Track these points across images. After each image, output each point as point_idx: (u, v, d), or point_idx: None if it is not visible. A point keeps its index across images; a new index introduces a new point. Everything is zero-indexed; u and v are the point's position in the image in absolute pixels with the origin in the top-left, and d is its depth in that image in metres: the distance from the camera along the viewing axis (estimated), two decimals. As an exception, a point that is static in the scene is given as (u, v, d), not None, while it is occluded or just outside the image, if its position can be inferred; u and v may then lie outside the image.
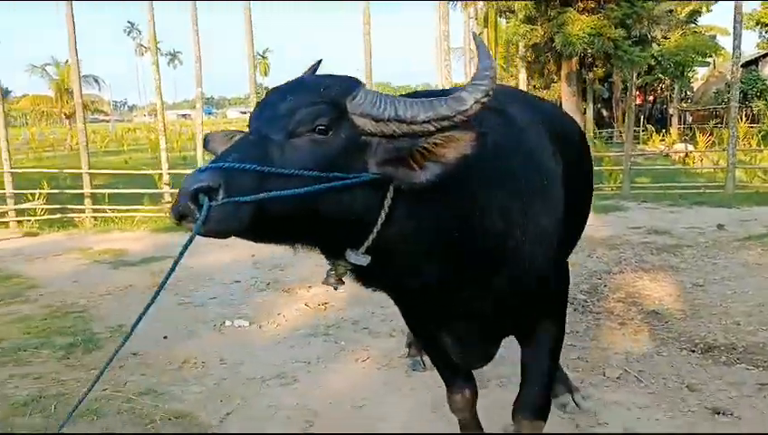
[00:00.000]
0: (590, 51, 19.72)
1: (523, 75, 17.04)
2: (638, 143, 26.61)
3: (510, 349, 3.18)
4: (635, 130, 22.48)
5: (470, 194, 2.23)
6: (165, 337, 5.68)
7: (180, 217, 1.82)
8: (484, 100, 1.97)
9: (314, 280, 7.58)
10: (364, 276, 2.30)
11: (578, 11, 19.10)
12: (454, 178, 2.02)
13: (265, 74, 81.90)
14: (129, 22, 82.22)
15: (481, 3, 18.51)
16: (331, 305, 6.52)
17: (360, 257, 2.09)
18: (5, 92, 67.24)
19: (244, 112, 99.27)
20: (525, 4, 18.32)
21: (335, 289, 2.24)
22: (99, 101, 47.84)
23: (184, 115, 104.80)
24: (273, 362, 5.08)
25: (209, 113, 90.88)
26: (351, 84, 2.05)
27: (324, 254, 2.23)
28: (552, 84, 28.11)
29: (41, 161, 31.78)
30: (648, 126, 31.40)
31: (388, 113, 1.96)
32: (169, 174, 13.65)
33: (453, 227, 2.22)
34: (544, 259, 2.59)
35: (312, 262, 7.90)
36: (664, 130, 30.06)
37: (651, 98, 40.36)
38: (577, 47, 18.74)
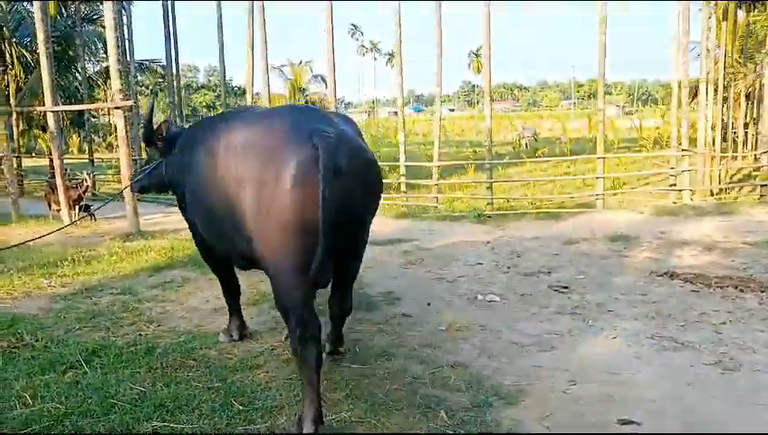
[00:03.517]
0: None
1: (768, 71, 15.87)
2: None
3: None
4: None
5: None
6: (428, 304, 6.57)
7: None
8: None
9: (552, 265, 8.11)
10: None
11: None
12: None
13: (478, 72, 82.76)
14: (352, 24, 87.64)
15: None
16: (573, 289, 6.99)
17: None
18: (243, 90, 75.82)
19: (452, 110, 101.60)
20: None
21: None
22: (326, 100, 51.88)
23: (395, 112, 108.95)
24: (527, 331, 5.69)
25: (419, 111, 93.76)
26: None
27: None
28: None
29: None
30: None
31: None
32: (406, 166, 14.84)
33: None
34: None
35: (549, 251, 8.46)
36: None
37: None
38: None
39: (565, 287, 7.05)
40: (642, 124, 29.08)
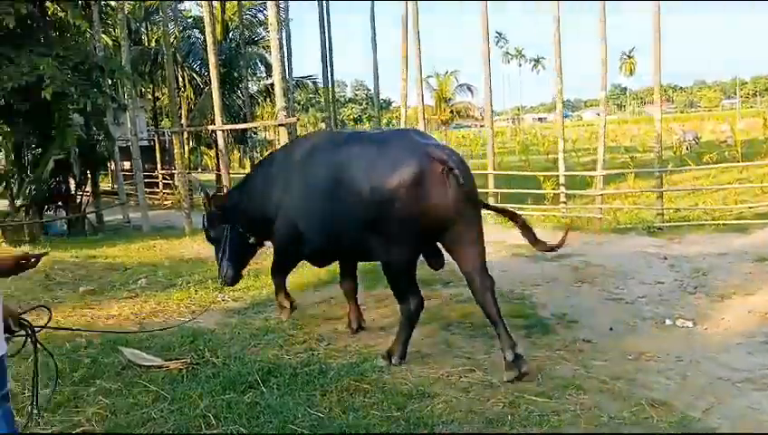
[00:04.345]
0: None
1: None
2: None
3: None
4: None
5: None
6: (611, 329, 6.01)
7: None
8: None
9: (749, 286, 7.21)
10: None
11: None
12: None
13: (631, 74, 78.83)
14: (497, 32, 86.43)
15: None
16: (780, 316, 6.14)
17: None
18: (387, 103, 77.03)
19: (599, 114, 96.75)
20: None
21: None
22: (471, 108, 51.55)
23: (540, 119, 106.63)
24: (735, 365, 5.00)
25: (565, 116, 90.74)
26: None
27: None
28: None
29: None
30: None
31: None
32: (565, 175, 14.13)
33: None
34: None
35: (741, 269, 7.50)
36: None
37: None
38: None
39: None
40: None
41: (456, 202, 4.65)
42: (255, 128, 23.42)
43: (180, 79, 21.92)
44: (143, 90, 25.50)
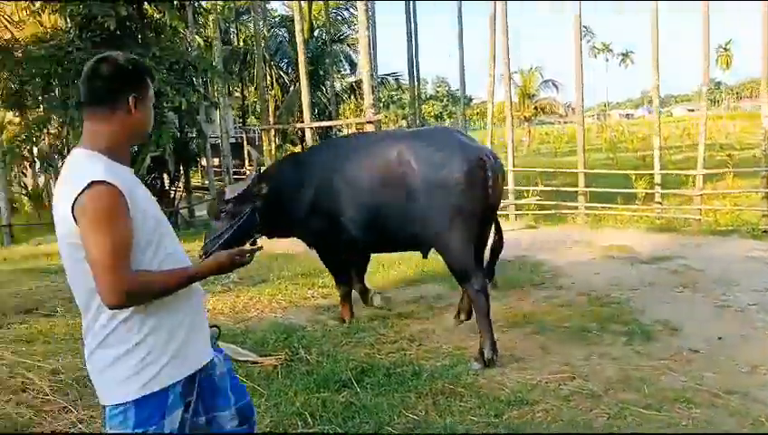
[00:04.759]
0: None
1: None
2: None
3: None
4: None
5: None
6: (719, 338, 5.66)
7: None
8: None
9: None
10: None
11: None
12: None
13: (727, 67, 74.97)
14: (583, 26, 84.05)
15: None
16: None
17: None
18: (469, 100, 76.14)
19: (691, 110, 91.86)
20: None
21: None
22: (555, 105, 50.46)
23: (627, 115, 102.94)
24: None
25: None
26: None
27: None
28: None
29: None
30: None
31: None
32: (661, 174, 13.54)
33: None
34: None
35: None
36: None
37: None
38: None
39: None
40: None
41: (490, 195, 5.16)
42: (340, 125, 23.69)
43: (268, 77, 22.41)
44: (231, 88, 26.25)
